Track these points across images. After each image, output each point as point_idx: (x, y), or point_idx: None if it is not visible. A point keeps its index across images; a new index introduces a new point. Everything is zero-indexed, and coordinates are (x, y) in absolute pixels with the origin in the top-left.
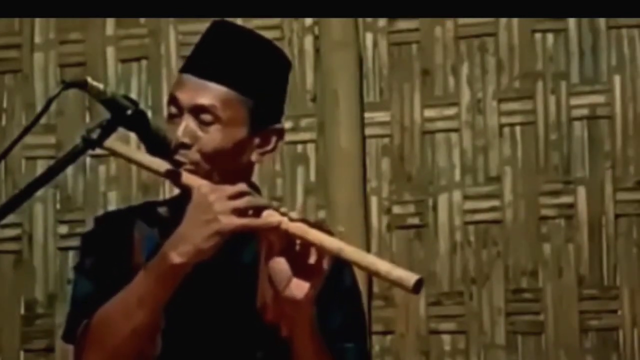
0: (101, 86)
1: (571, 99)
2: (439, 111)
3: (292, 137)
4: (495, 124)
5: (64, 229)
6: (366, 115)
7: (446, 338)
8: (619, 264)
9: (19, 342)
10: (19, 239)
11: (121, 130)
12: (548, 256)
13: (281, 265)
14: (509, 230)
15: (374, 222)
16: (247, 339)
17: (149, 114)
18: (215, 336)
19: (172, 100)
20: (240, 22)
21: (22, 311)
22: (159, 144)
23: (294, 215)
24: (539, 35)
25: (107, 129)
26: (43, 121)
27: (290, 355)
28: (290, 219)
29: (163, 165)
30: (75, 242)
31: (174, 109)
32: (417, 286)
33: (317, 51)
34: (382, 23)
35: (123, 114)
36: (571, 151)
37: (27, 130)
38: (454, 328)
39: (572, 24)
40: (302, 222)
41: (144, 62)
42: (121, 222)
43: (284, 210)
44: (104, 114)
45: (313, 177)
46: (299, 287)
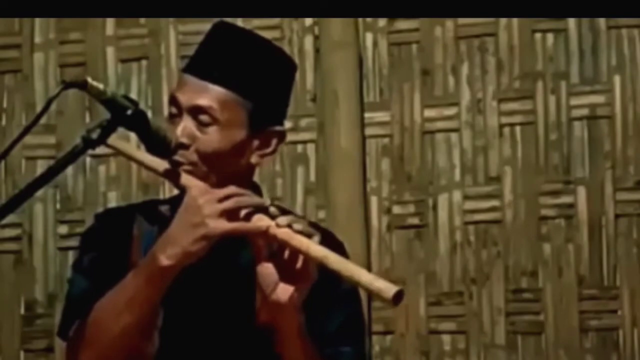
0: (101, 86)
1: (571, 99)
2: (439, 111)
3: (292, 137)
4: (495, 124)
5: (64, 229)
6: (366, 115)
7: (446, 338)
8: (619, 264)
9: (19, 342)
10: (19, 239)
11: (121, 130)
12: (548, 256)
13: (269, 269)
14: (509, 230)
15: (374, 222)
16: (245, 339)
17: (149, 114)
18: (214, 336)
19: (172, 100)
20: (240, 22)
21: (22, 311)
22: (159, 144)
23: (282, 222)
24: (539, 35)
25: (107, 129)
26: (43, 121)
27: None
28: (277, 225)
29: (163, 165)
30: (75, 242)
31: (174, 109)
32: (397, 298)
33: (317, 51)
34: (382, 23)
35: (123, 113)
36: (571, 151)
37: (27, 130)
38: (454, 328)
39: (572, 24)
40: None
41: (144, 62)
42: (121, 219)
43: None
44: (104, 114)
45: (313, 177)
46: (284, 291)
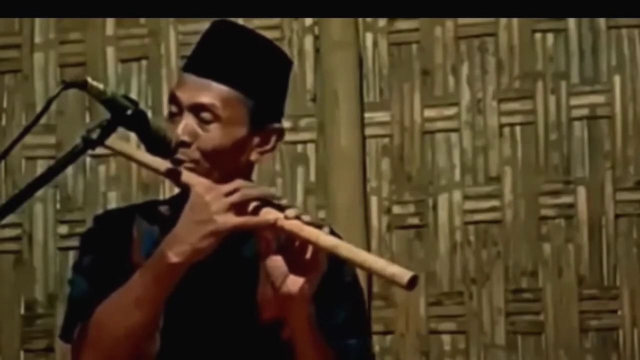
0: (101, 86)
1: (571, 99)
2: (439, 111)
3: (292, 137)
4: (495, 124)
5: (64, 229)
6: (366, 115)
7: (446, 338)
8: (619, 264)
9: (19, 342)
10: (19, 239)
11: (121, 130)
12: (548, 256)
13: (277, 262)
14: (509, 230)
15: (374, 222)
16: (248, 335)
17: (149, 113)
18: (216, 333)
19: (172, 98)
20: (240, 22)
21: (22, 311)
22: (159, 144)
23: (290, 213)
24: (539, 35)
25: (107, 129)
26: (43, 121)
27: (291, 353)
28: (286, 217)
29: (164, 164)
30: (75, 242)
31: (174, 107)
32: (412, 283)
33: (317, 51)
34: (382, 23)
35: (123, 113)
36: (571, 151)
37: (27, 130)
38: (454, 328)
39: (572, 24)
40: (298, 219)
41: (144, 62)
42: (120, 221)
43: (283, 202)
44: (104, 114)
45: (313, 177)
46: (294, 283)
